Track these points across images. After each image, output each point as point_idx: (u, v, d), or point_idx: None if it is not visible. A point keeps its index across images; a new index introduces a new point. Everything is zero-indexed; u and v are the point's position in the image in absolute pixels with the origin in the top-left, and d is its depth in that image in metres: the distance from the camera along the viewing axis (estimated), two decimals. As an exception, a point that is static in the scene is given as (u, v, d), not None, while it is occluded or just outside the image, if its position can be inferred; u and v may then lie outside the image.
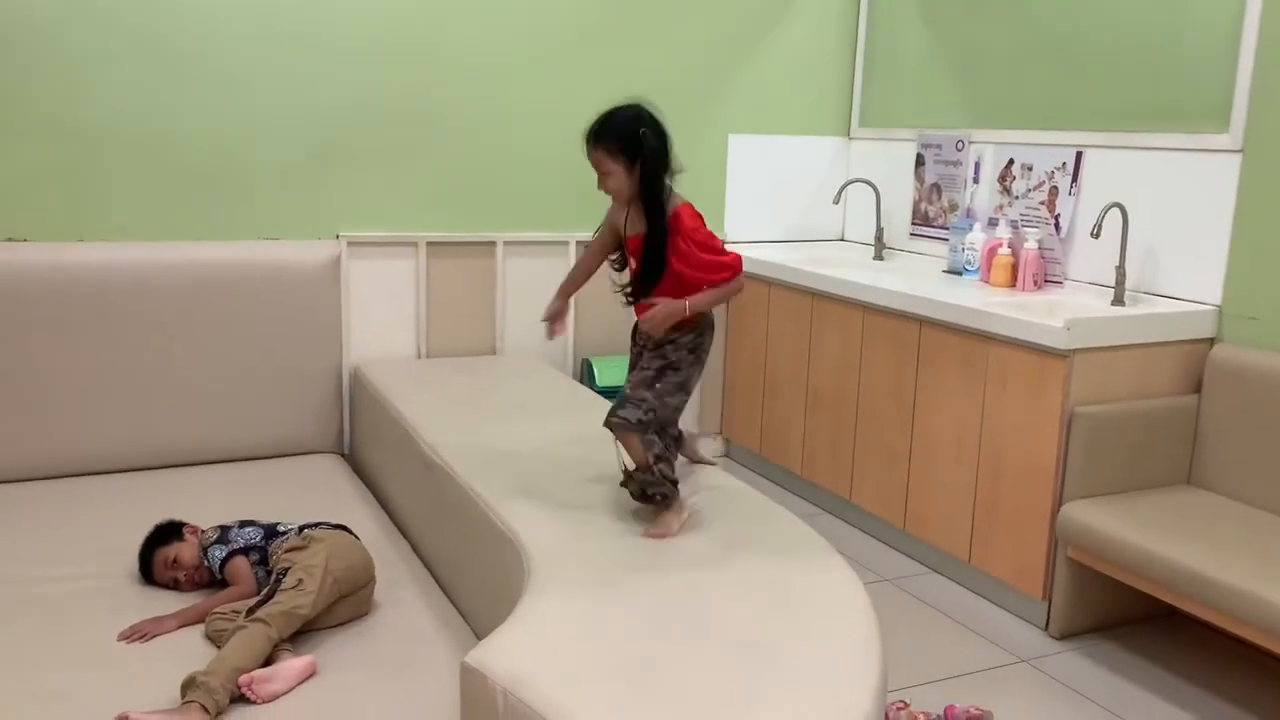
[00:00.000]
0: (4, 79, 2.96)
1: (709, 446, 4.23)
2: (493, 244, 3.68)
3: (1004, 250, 3.40)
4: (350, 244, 3.43)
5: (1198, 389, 2.92)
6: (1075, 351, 2.74)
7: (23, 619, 2.14)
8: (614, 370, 3.82)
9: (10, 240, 3.01)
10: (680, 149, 2.73)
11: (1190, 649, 2.76)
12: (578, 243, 3.81)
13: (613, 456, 2.25)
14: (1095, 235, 3.02)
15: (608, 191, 2.19)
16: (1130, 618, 2.89)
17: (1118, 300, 3.07)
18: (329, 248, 3.35)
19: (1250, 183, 2.82)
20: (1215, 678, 2.63)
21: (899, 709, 2.39)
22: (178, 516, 2.42)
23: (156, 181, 3.18)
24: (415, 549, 2.64)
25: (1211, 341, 2.92)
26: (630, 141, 2.12)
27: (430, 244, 3.57)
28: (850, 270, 3.65)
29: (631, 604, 1.80)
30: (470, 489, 2.32)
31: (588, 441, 2.67)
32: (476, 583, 2.28)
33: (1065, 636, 2.83)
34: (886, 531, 3.42)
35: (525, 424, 2.84)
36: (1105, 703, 2.52)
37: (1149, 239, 3.07)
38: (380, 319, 3.54)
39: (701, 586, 1.87)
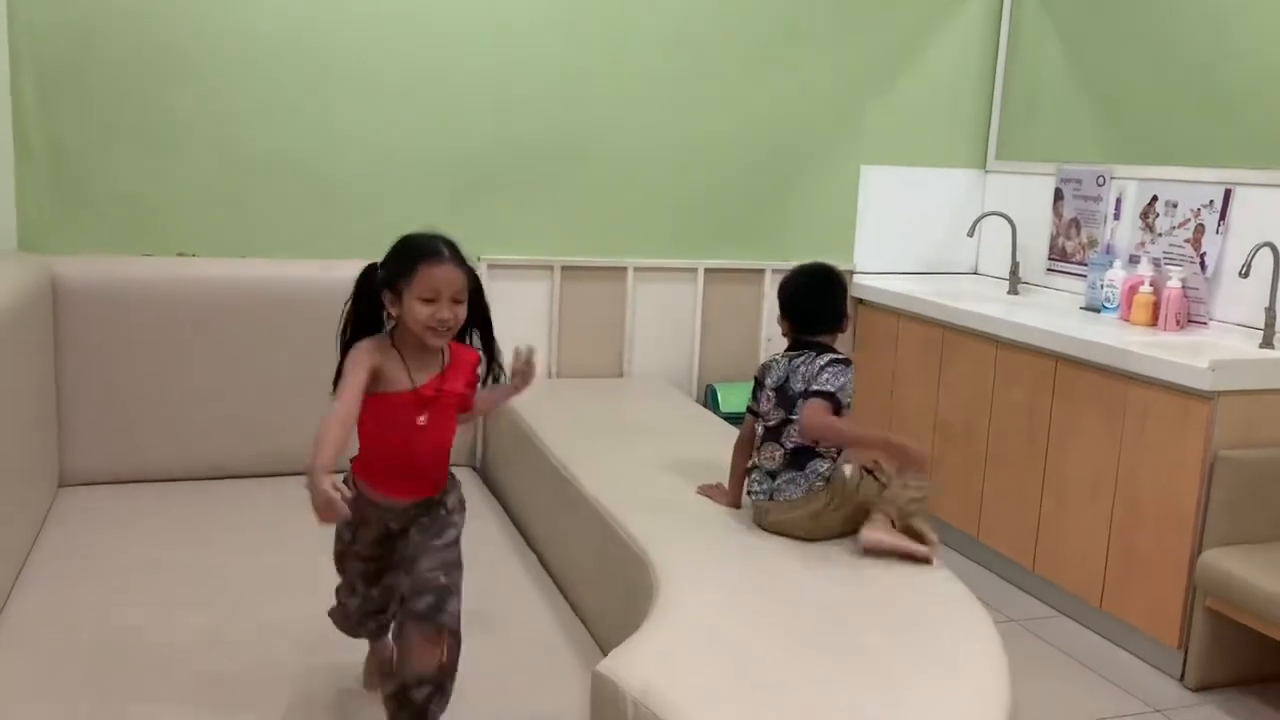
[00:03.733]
0: (183, 105, 3.19)
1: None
2: (624, 269, 3.77)
3: (1145, 288, 3.31)
4: (490, 266, 3.56)
5: (1355, 438, 2.79)
6: (1220, 394, 2.65)
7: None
8: (737, 396, 3.85)
9: (180, 255, 3.23)
10: (812, 179, 2.80)
11: (1340, 710, 2.63)
12: (706, 270, 3.87)
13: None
14: (1244, 275, 2.92)
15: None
16: (1273, 673, 2.77)
17: (1266, 343, 2.96)
18: (470, 269, 3.49)
19: None
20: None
21: (1024, 750, 2.35)
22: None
23: (318, 207, 3.38)
24: (543, 563, 2.71)
25: (1370, 388, 2.79)
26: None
27: (565, 268, 3.68)
28: (984, 304, 3.60)
29: (760, 622, 1.83)
30: (599, 504, 2.39)
31: (711, 464, 2.71)
32: (603, 598, 2.34)
33: (1202, 689, 2.73)
34: (1015, 572, 3.35)
35: (651, 444, 2.90)
36: (1245, 760, 2.42)
37: (1303, 280, 2.95)
38: (515, 338, 3.63)
39: (832, 609, 1.89)
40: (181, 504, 2.91)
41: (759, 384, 2.34)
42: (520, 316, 3.65)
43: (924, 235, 4.22)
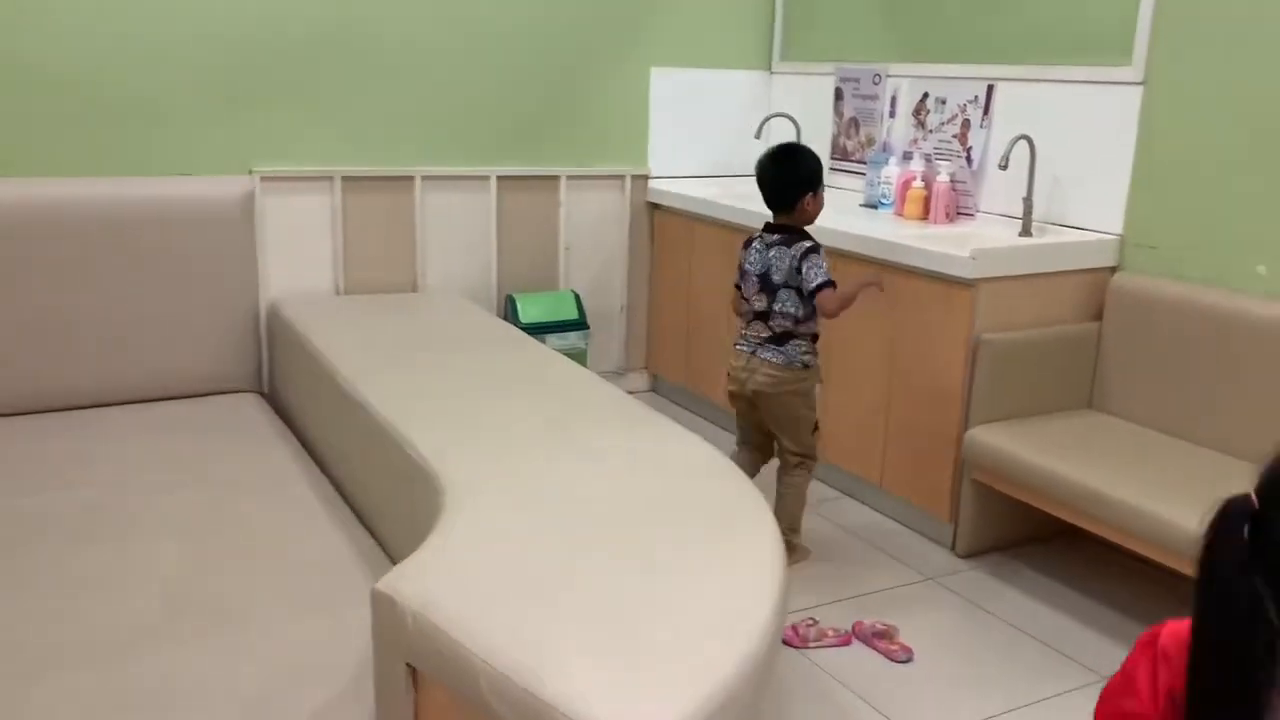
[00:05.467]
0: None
1: (635, 381, 4.28)
2: (411, 178, 3.65)
3: (917, 184, 3.47)
4: (264, 179, 3.37)
5: (1099, 316, 3.02)
6: (980, 281, 2.82)
7: None
8: (538, 306, 3.84)
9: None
10: (601, 82, 2.73)
11: (1087, 564, 2.90)
12: (499, 177, 3.79)
13: (537, 392, 2.28)
14: (1003, 167, 3.09)
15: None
16: (1033, 537, 3.02)
17: (1025, 231, 3.15)
18: (242, 183, 3.29)
19: (1151, 115, 2.90)
20: (1110, 590, 2.77)
21: (808, 626, 2.49)
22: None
23: (58, 117, 3.08)
24: (336, 486, 2.65)
25: (1113, 270, 3.03)
26: None
27: (346, 179, 3.53)
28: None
29: (545, 529, 1.84)
30: (387, 422, 2.34)
31: (509, 376, 2.70)
32: (396, 518, 2.31)
33: (970, 555, 2.95)
34: (805, 460, 3.50)
35: (445, 359, 2.85)
36: (1005, 615, 2.64)
37: (1056, 171, 3.15)
38: (297, 255, 3.50)
39: (617, 510, 1.92)
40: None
41: (741, 267, 2.80)
42: (299, 233, 3.49)
43: (714, 138, 4.26)
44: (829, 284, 2.64)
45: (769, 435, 2.90)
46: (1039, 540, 3.02)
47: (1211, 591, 0.94)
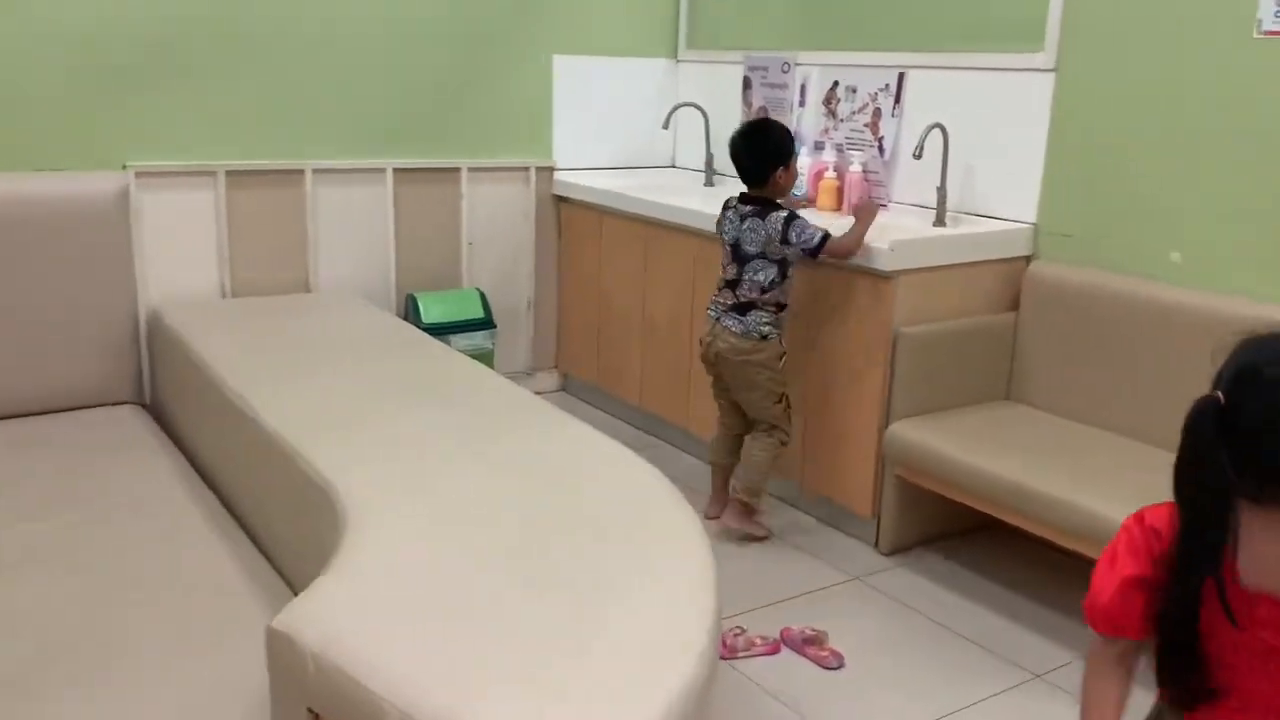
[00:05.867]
0: None
1: (545, 381, 4.15)
2: (301, 172, 3.43)
3: (829, 174, 3.40)
4: (140, 175, 3.13)
5: (1016, 306, 3.00)
6: (899, 273, 2.75)
7: None
8: (440, 305, 3.67)
9: None
10: (502, 70, 2.60)
11: (1013, 558, 2.87)
12: (395, 170, 3.61)
13: (443, 399, 2.13)
14: (917, 156, 3.03)
15: None
16: (956, 530, 2.98)
17: (939, 221, 3.11)
18: (115, 179, 3.05)
19: (1063, 101, 2.88)
20: (1035, 584, 2.74)
21: (735, 635, 2.39)
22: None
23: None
24: (227, 506, 2.45)
25: (1029, 260, 3.00)
26: None
27: (230, 173, 3.30)
28: (682, 197, 3.59)
29: (455, 549, 1.70)
30: (280, 436, 2.16)
31: (412, 383, 2.53)
32: (293, 539, 2.13)
33: (894, 552, 2.90)
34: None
35: (343, 365, 2.67)
36: (931, 613, 2.59)
37: (969, 159, 3.11)
38: (179, 256, 3.25)
39: (534, 525, 1.79)
40: None
41: (721, 235, 2.86)
42: (181, 232, 3.25)
43: (621, 128, 4.14)
44: (827, 235, 2.71)
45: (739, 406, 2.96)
46: (962, 534, 2.98)
47: (1191, 479, 1.11)
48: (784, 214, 2.74)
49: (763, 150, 2.80)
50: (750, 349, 2.81)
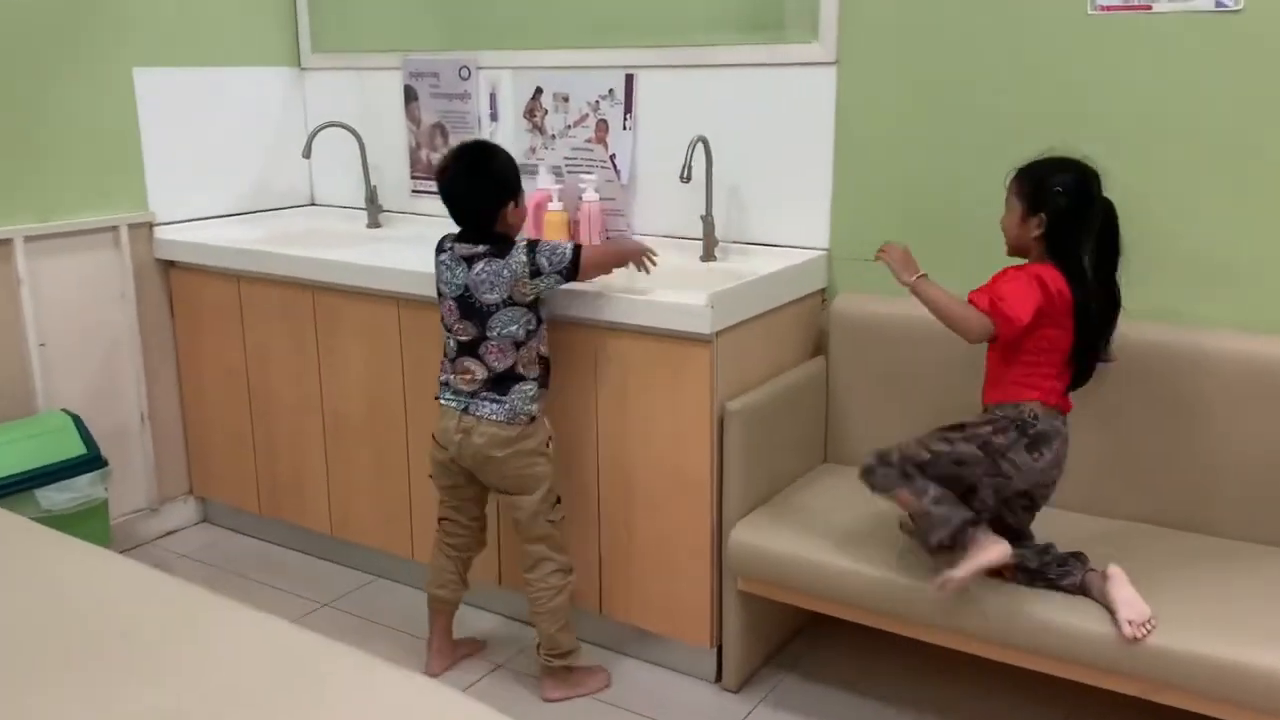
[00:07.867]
0: None
1: (177, 515, 3.03)
2: None
3: (555, 205, 2.68)
4: None
5: (819, 351, 2.48)
6: (721, 334, 2.11)
7: None
8: (11, 448, 2.47)
9: None
10: (60, 93, 1.72)
11: (871, 654, 2.34)
12: (27, 238, 2.37)
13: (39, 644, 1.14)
14: (686, 179, 2.39)
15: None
16: (791, 630, 2.42)
17: (707, 255, 2.52)
18: None
19: (849, 99, 2.39)
20: (916, 688, 2.24)
21: None
22: None
23: None
24: None
25: (822, 293, 2.49)
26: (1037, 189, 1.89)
27: None
28: (354, 246, 2.70)
29: None
30: None
31: None
32: None
33: (744, 685, 2.26)
34: (480, 594, 2.53)
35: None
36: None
37: (736, 177, 2.54)
38: None
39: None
40: None
41: (439, 288, 2.15)
42: None
43: (238, 161, 3.11)
44: (579, 246, 2.14)
45: (481, 520, 2.29)
46: (797, 632, 2.43)
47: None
48: (524, 243, 2.11)
49: (485, 185, 2.13)
50: (518, 435, 2.12)
